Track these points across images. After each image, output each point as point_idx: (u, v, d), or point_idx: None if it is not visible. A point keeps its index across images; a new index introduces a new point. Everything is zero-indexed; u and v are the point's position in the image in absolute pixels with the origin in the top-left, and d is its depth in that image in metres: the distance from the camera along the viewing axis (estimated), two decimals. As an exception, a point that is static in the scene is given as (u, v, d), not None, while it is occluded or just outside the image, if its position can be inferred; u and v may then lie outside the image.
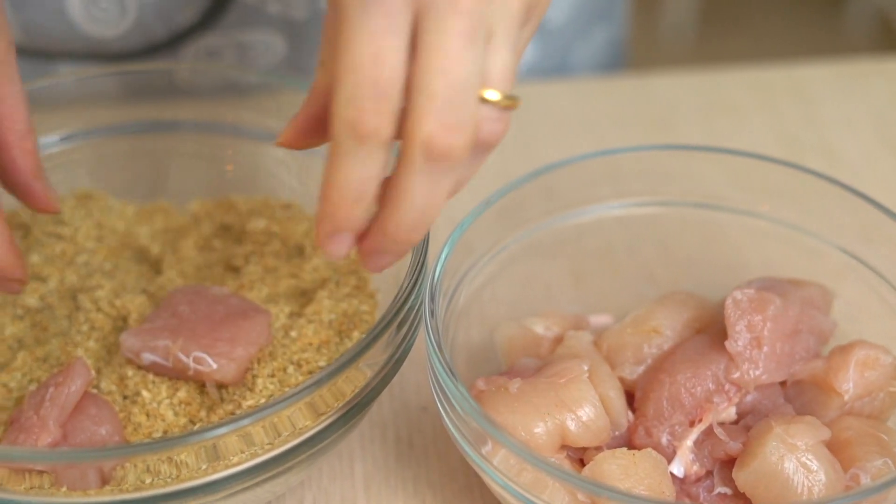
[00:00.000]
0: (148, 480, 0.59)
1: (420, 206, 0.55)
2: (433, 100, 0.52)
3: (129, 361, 0.67)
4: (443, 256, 0.66)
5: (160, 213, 0.79)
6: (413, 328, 0.65)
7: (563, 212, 0.75)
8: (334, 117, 0.53)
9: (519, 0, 0.55)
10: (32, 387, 0.68)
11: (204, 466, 0.59)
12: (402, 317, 0.63)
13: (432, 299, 0.64)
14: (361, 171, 0.54)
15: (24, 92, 0.64)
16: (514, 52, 0.55)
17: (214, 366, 0.65)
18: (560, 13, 0.98)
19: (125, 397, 0.66)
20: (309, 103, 0.59)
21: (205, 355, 0.66)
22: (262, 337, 0.67)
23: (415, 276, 0.64)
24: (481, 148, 0.57)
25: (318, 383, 0.60)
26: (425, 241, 0.65)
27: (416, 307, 0.64)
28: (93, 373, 0.66)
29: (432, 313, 0.63)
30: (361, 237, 0.57)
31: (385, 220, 0.56)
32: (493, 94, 0.55)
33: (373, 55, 0.52)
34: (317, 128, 0.59)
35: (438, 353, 0.61)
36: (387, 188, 0.55)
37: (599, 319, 0.74)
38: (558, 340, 0.70)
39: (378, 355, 0.62)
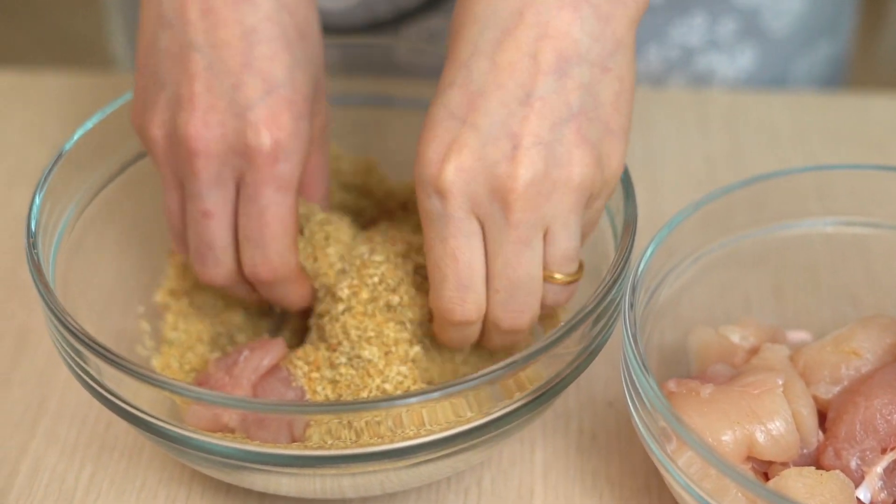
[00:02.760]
0: (330, 442, 0.61)
1: (503, 343, 0.68)
2: (497, 294, 0.63)
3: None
4: (647, 254, 0.66)
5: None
6: (610, 322, 0.65)
7: (769, 224, 0.74)
8: (430, 303, 0.65)
9: (571, 198, 0.61)
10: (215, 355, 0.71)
11: (390, 434, 0.61)
12: (601, 310, 0.63)
13: (633, 292, 0.64)
14: (460, 337, 0.66)
15: (327, 167, 0.72)
16: (573, 238, 0.63)
17: None
18: (784, 25, 0.96)
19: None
20: None
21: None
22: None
23: (617, 272, 0.64)
24: (548, 310, 0.68)
25: (512, 367, 0.60)
26: (631, 239, 0.65)
27: (616, 302, 0.64)
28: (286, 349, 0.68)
29: (631, 306, 0.63)
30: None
31: (487, 341, 0.68)
32: (557, 275, 0.64)
33: (450, 255, 0.62)
34: None
35: (633, 347, 0.62)
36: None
37: (797, 335, 0.73)
38: (753, 351, 0.69)
39: (573, 346, 0.63)
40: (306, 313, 0.72)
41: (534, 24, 0.60)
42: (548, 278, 0.64)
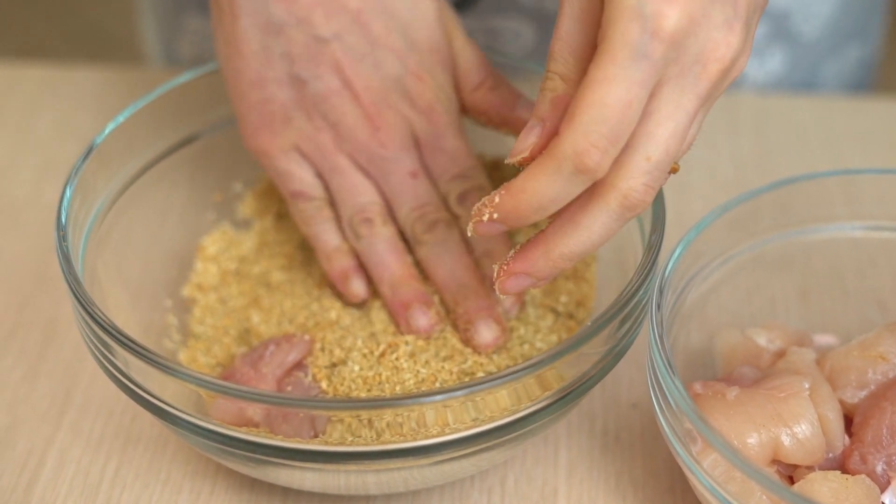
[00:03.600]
0: (350, 439, 0.61)
1: (594, 241, 0.59)
2: (647, 161, 0.57)
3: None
4: (674, 256, 0.66)
5: None
6: (636, 324, 0.65)
7: (797, 227, 0.74)
8: (562, 138, 0.56)
9: (726, 84, 0.58)
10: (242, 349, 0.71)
11: (412, 433, 0.61)
12: (627, 310, 0.63)
13: (660, 294, 0.64)
14: (559, 192, 0.57)
15: (479, 53, 0.72)
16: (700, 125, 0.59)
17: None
18: (813, 28, 0.96)
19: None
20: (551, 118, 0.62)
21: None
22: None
23: (645, 273, 0.64)
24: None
25: (537, 366, 0.60)
26: (659, 240, 0.65)
27: (643, 303, 0.64)
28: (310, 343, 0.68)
29: (658, 307, 0.63)
30: (516, 255, 0.62)
31: (555, 241, 0.60)
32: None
33: (626, 101, 0.55)
34: None
35: (660, 348, 0.61)
36: (570, 214, 0.59)
37: (823, 339, 0.73)
38: (780, 354, 0.69)
39: (599, 346, 0.63)
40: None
41: None
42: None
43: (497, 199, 0.59)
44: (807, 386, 0.64)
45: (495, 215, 0.59)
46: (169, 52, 1.05)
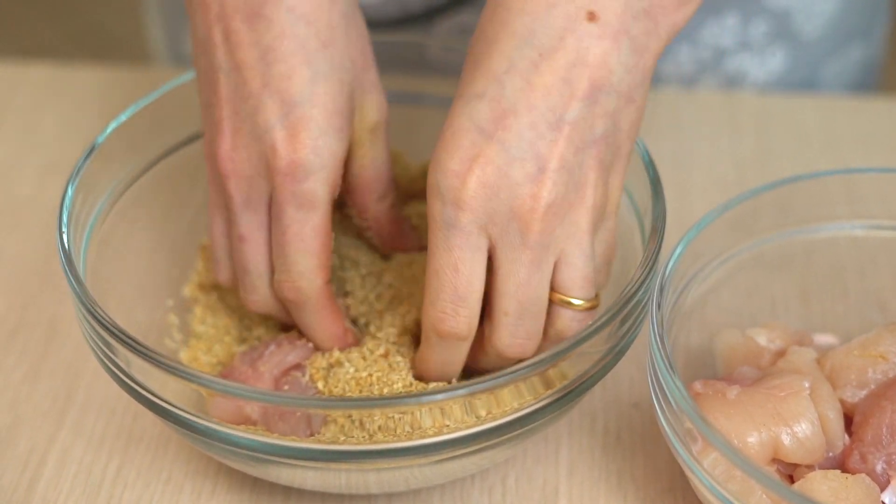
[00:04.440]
0: (342, 438, 0.61)
1: (498, 367, 0.64)
2: (506, 316, 0.62)
3: None
4: (675, 255, 0.66)
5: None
6: (637, 323, 0.65)
7: (797, 227, 0.74)
8: (422, 313, 0.63)
9: (585, 218, 0.62)
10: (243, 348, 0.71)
11: (410, 431, 0.61)
12: (628, 309, 0.63)
13: (661, 293, 0.64)
14: (444, 357, 0.64)
15: (387, 162, 0.71)
16: (589, 260, 0.63)
17: None
18: (816, 28, 0.96)
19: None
20: None
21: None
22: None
23: (645, 272, 0.64)
24: (559, 340, 0.65)
25: (538, 365, 0.61)
26: (659, 239, 0.65)
27: (643, 302, 0.65)
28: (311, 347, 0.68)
29: (659, 306, 0.64)
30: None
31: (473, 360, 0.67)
32: (576, 300, 0.63)
33: (451, 266, 0.61)
34: None
35: (660, 347, 0.62)
36: (471, 351, 0.65)
37: (824, 339, 0.73)
38: (780, 354, 0.69)
39: (600, 345, 0.63)
40: None
41: (573, 50, 0.60)
42: (565, 304, 0.63)
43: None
44: (807, 385, 0.64)
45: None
46: (176, 50, 1.05)
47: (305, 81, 0.64)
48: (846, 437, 0.65)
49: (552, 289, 0.63)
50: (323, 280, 0.66)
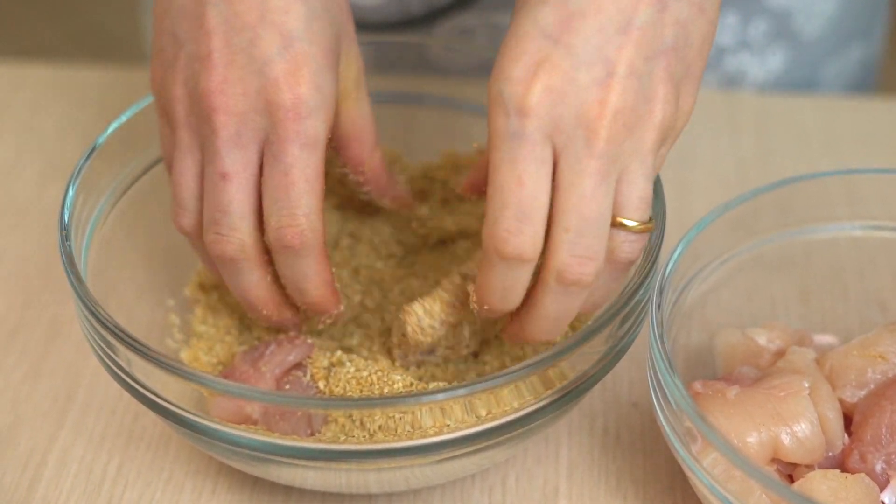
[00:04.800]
0: (343, 438, 0.61)
1: (553, 317, 0.62)
2: (567, 233, 0.59)
3: None
4: (675, 255, 0.67)
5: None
6: (637, 323, 0.65)
7: (797, 227, 0.74)
8: (483, 233, 0.59)
9: (652, 135, 0.59)
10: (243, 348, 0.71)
11: (410, 431, 0.61)
12: (628, 309, 0.63)
13: (660, 293, 0.64)
14: (505, 282, 0.60)
15: (371, 113, 0.69)
16: (649, 180, 0.60)
17: None
18: (816, 28, 0.96)
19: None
20: (477, 168, 0.69)
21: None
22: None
23: (645, 273, 0.64)
24: (620, 267, 0.62)
25: (539, 364, 0.61)
26: (659, 239, 0.66)
27: (643, 302, 0.65)
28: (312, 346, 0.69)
29: (659, 306, 0.64)
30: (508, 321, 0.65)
31: (522, 324, 0.63)
32: (629, 222, 0.60)
33: (516, 179, 0.58)
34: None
35: (660, 347, 0.62)
36: (529, 297, 0.62)
37: (823, 339, 0.73)
38: (780, 354, 0.69)
39: (600, 345, 0.63)
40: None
41: None
42: (621, 226, 0.61)
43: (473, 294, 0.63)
44: (806, 385, 0.64)
45: (485, 307, 0.62)
46: None
47: (302, 17, 0.63)
48: (845, 436, 0.65)
49: None
50: (322, 225, 0.64)
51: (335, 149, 0.69)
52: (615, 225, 0.60)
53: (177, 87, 0.64)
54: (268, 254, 0.65)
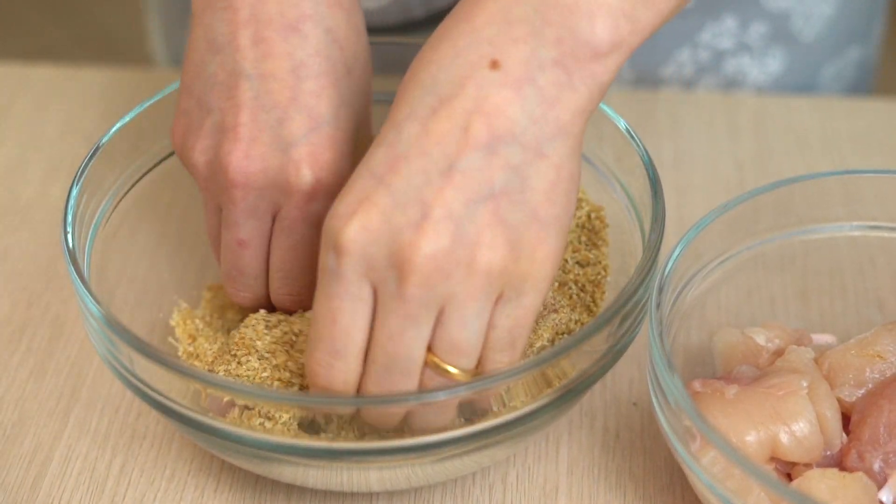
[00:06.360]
0: (342, 433, 0.62)
1: (371, 422, 0.63)
2: (374, 365, 0.59)
3: None
4: (674, 255, 0.67)
5: None
6: (636, 322, 0.65)
7: (796, 227, 0.74)
8: (305, 362, 0.61)
9: (476, 280, 0.57)
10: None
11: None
12: (627, 309, 0.63)
13: (660, 293, 0.65)
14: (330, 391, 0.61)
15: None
16: (468, 327, 0.58)
17: None
18: (814, 30, 0.97)
19: None
20: None
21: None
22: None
23: (645, 272, 0.64)
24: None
25: (538, 363, 0.61)
26: (659, 239, 0.66)
27: (643, 302, 0.65)
28: None
29: (658, 306, 0.64)
30: None
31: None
32: (450, 368, 0.60)
33: (330, 315, 0.59)
34: None
35: (659, 345, 0.62)
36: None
37: (822, 338, 0.73)
38: (779, 353, 0.69)
39: (600, 344, 0.63)
40: None
41: (472, 97, 0.57)
42: (436, 367, 0.60)
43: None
44: (805, 384, 0.65)
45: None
46: (175, 54, 1.05)
47: (333, 103, 0.64)
48: (844, 435, 0.66)
49: (428, 349, 0.59)
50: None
51: None
52: (433, 367, 0.60)
53: (197, 154, 0.66)
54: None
